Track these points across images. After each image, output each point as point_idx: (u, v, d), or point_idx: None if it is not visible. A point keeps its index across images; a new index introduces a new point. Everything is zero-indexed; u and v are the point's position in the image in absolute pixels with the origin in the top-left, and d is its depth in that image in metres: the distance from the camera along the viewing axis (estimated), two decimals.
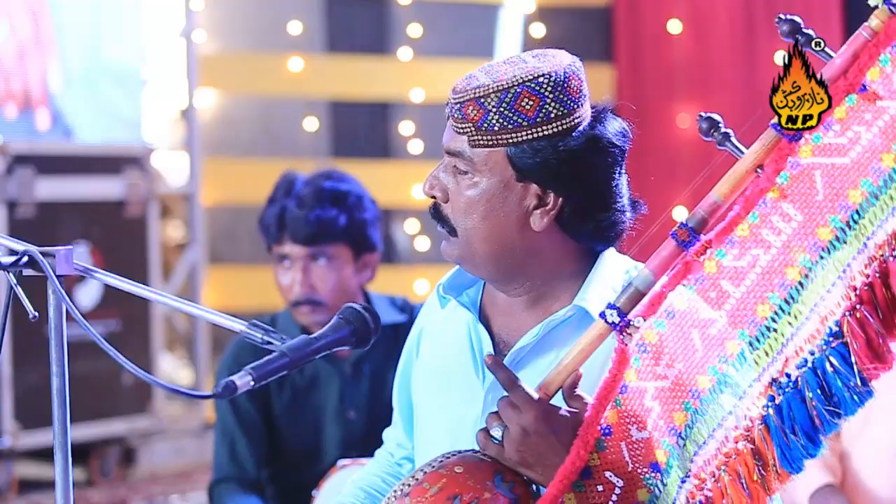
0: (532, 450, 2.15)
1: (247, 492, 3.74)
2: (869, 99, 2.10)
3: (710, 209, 2.15)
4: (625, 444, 2.12)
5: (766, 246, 2.11)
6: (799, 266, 2.09)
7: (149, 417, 6.37)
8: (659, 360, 2.12)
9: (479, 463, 2.16)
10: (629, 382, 2.12)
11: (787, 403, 2.07)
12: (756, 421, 2.08)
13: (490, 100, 2.32)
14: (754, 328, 2.10)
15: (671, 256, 2.16)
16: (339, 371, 3.78)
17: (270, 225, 3.75)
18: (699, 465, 2.10)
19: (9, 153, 5.96)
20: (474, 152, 2.36)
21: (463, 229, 2.38)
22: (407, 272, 7.48)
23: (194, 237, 7.02)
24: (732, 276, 2.12)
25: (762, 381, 2.09)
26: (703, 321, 2.12)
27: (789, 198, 2.11)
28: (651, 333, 2.13)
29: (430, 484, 2.13)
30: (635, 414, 2.12)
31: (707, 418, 2.10)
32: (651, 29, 7.58)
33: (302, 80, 7.41)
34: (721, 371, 2.10)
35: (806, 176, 2.11)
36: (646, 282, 2.16)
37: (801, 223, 2.10)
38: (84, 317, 2.13)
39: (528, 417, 2.14)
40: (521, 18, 7.80)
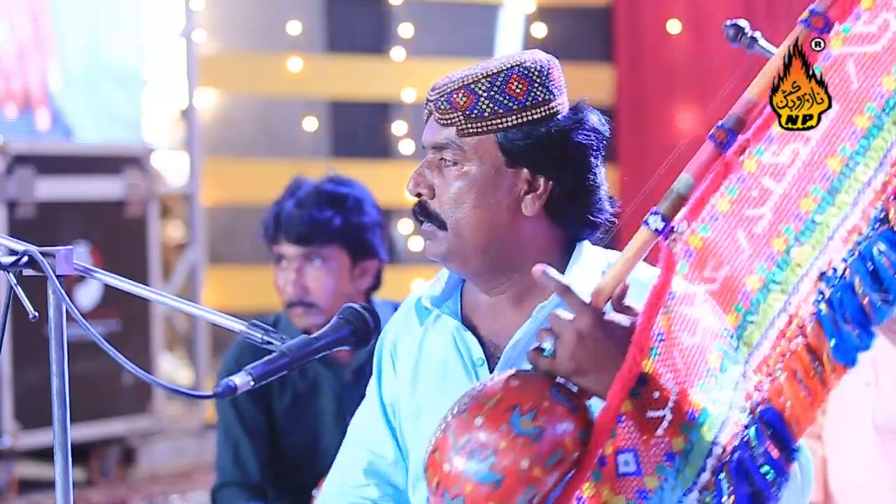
0: (587, 354, 2.10)
1: (250, 496, 3.73)
2: None
3: (745, 108, 2.13)
4: (677, 351, 2.09)
5: (805, 139, 2.10)
6: (839, 156, 2.08)
7: (149, 417, 6.37)
8: (705, 264, 2.10)
9: (535, 378, 2.13)
10: (676, 289, 2.10)
11: (838, 295, 2.05)
12: (808, 317, 2.06)
13: (480, 84, 2.37)
14: (800, 222, 2.08)
15: (710, 159, 2.13)
16: (339, 377, 3.78)
17: (269, 224, 3.77)
18: (754, 367, 2.08)
19: (9, 153, 5.96)
20: (464, 141, 2.38)
21: (453, 220, 2.39)
22: (404, 272, 7.48)
23: (194, 237, 7.02)
24: (773, 173, 2.10)
25: (811, 275, 2.07)
26: (748, 220, 2.10)
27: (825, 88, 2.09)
28: (695, 238, 2.11)
29: (487, 398, 2.10)
30: (685, 320, 2.10)
31: (758, 318, 2.08)
32: (651, 29, 7.58)
33: (301, 80, 7.41)
34: (769, 269, 2.08)
35: (839, 66, 2.10)
36: (687, 185, 2.13)
37: (838, 113, 2.08)
38: (84, 317, 2.13)
39: (583, 321, 2.10)
40: (521, 18, 7.80)
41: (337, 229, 3.70)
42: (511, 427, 2.06)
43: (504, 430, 2.06)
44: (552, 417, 2.07)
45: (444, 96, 2.39)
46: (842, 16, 2.10)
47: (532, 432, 2.06)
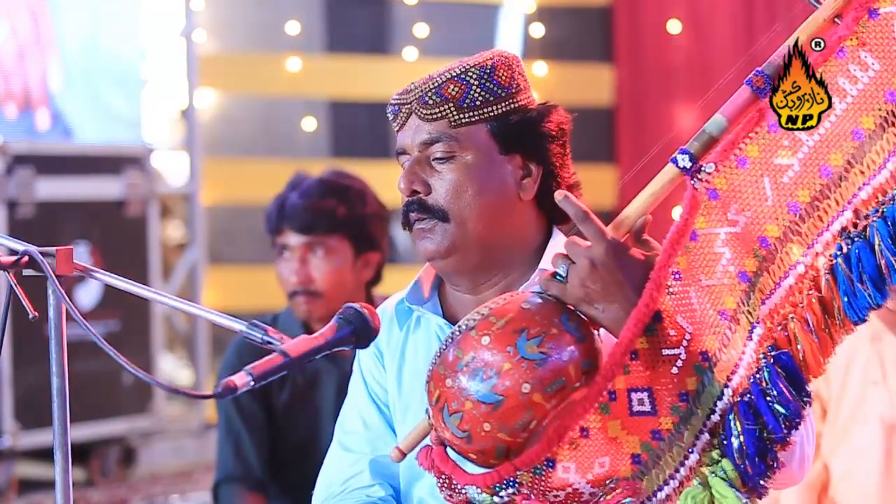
0: (599, 282, 2.10)
1: (252, 491, 3.74)
2: None
3: (787, 56, 2.11)
4: (693, 290, 2.09)
5: (843, 94, 2.08)
6: (875, 115, 2.07)
7: (149, 417, 6.37)
8: (729, 206, 2.10)
9: (545, 302, 2.13)
10: (698, 229, 2.10)
11: (857, 252, 2.05)
12: (824, 270, 2.06)
13: (471, 74, 2.42)
14: (826, 176, 2.08)
15: (746, 103, 2.13)
16: (339, 370, 3.78)
17: (272, 214, 3.78)
18: (765, 314, 2.08)
19: (9, 153, 5.96)
20: (457, 132, 2.40)
21: (456, 210, 2.40)
22: (406, 272, 7.48)
23: (194, 237, 7.02)
24: None
25: (832, 230, 2.07)
26: (776, 168, 2.09)
27: (867, 46, 2.08)
28: (721, 180, 2.11)
29: (497, 317, 2.10)
30: (704, 260, 2.10)
31: (775, 267, 2.08)
32: (651, 29, 7.58)
33: (301, 81, 7.41)
34: (791, 220, 2.08)
35: (886, 24, 2.08)
36: (719, 127, 2.12)
37: (878, 72, 2.07)
38: (84, 317, 2.13)
39: (598, 249, 2.11)
40: (521, 18, 7.80)
41: (340, 219, 3.73)
42: (516, 350, 2.07)
43: (509, 353, 2.07)
44: (558, 345, 2.08)
45: (433, 90, 2.42)
46: None
47: (536, 357, 2.06)
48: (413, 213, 2.43)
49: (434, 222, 2.41)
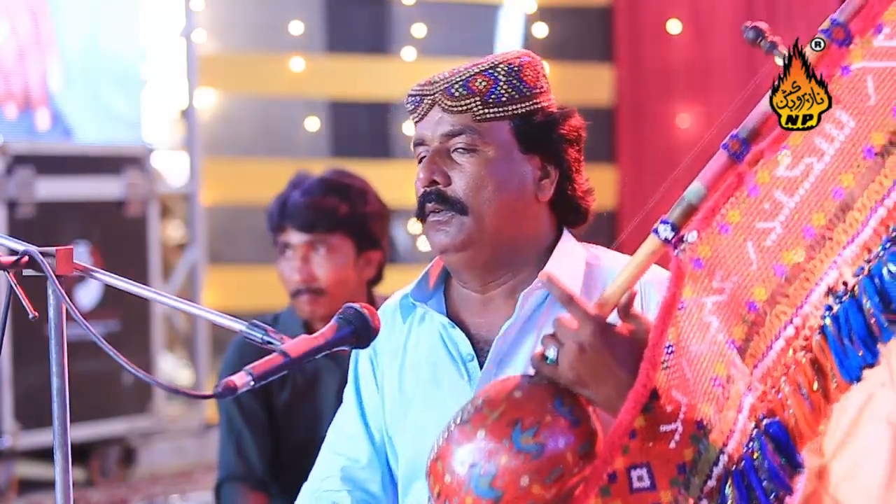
0: (588, 366, 2.10)
1: (254, 490, 3.74)
2: None
3: (761, 119, 2.11)
4: (685, 361, 2.09)
5: (820, 154, 2.07)
6: (854, 172, 2.05)
7: (149, 417, 6.37)
8: (714, 273, 2.09)
9: (537, 387, 2.12)
10: (686, 298, 2.10)
11: (845, 312, 2.03)
12: (814, 331, 2.05)
13: (500, 69, 2.42)
14: (810, 237, 2.06)
15: (723, 168, 2.11)
16: (340, 369, 3.78)
17: (274, 213, 3.78)
18: (758, 378, 2.07)
19: (9, 153, 5.96)
20: (481, 126, 2.41)
21: (476, 204, 2.39)
22: (407, 272, 7.48)
23: (194, 237, 7.02)
24: (786, 186, 2.08)
25: (819, 290, 2.05)
26: (758, 232, 2.08)
27: (841, 104, 2.06)
28: (705, 248, 2.10)
29: (491, 409, 2.10)
30: (693, 330, 2.09)
31: (765, 330, 2.07)
32: (651, 29, 7.58)
33: (302, 80, 7.41)
34: (778, 282, 2.07)
35: (858, 81, 2.07)
36: (698, 195, 2.11)
37: (853, 129, 2.06)
38: (84, 317, 2.13)
39: (585, 332, 2.09)
40: (521, 18, 7.80)
41: (342, 217, 3.73)
42: (512, 443, 2.06)
43: (505, 445, 2.06)
44: (553, 432, 2.07)
45: (460, 83, 2.42)
46: (864, 28, 2.08)
47: (533, 449, 2.06)
48: (430, 203, 2.42)
49: (451, 215, 2.40)
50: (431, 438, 2.29)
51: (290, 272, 3.75)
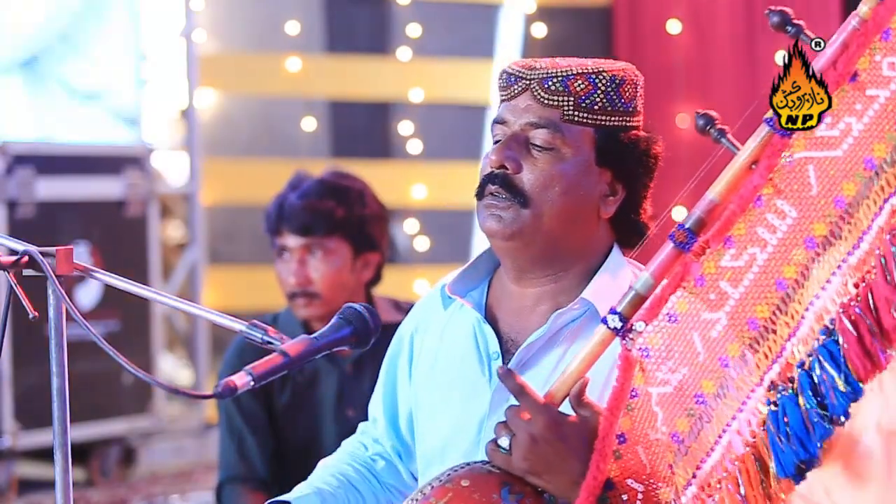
0: (540, 457, 2.13)
1: (256, 490, 3.74)
2: (859, 88, 2.07)
3: (707, 209, 2.13)
4: (641, 448, 2.10)
5: (763, 244, 2.08)
6: (795, 264, 2.06)
7: (149, 417, 6.37)
8: (662, 365, 2.10)
9: (487, 475, 2.15)
10: (638, 386, 2.11)
11: (783, 408, 2.04)
12: (759, 426, 2.05)
13: (602, 78, 2.41)
14: (754, 329, 2.07)
15: (670, 259, 2.14)
16: (339, 369, 3.79)
17: (271, 215, 3.78)
18: (707, 472, 2.07)
19: (9, 153, 5.96)
20: (567, 127, 2.39)
21: (540, 200, 2.37)
22: (407, 272, 7.48)
23: (194, 237, 7.02)
24: (731, 277, 2.09)
25: (764, 384, 2.06)
26: (704, 323, 2.09)
27: (783, 194, 2.07)
28: (654, 338, 2.11)
29: (437, 499, 2.13)
30: (647, 417, 2.10)
31: (713, 424, 2.07)
32: (651, 29, 7.58)
33: (301, 80, 7.41)
34: (724, 375, 2.07)
35: (799, 171, 2.08)
36: (646, 286, 2.14)
37: (796, 219, 2.07)
38: (84, 317, 2.13)
39: (537, 425, 2.12)
40: (522, 18, 7.80)
41: (339, 220, 3.73)
42: None
43: None
44: None
45: (560, 78, 2.40)
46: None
47: None
48: (494, 185, 2.40)
49: (511, 203, 2.38)
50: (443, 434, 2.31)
51: (287, 275, 3.76)
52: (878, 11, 2.06)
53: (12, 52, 6.33)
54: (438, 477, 2.18)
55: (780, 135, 2.09)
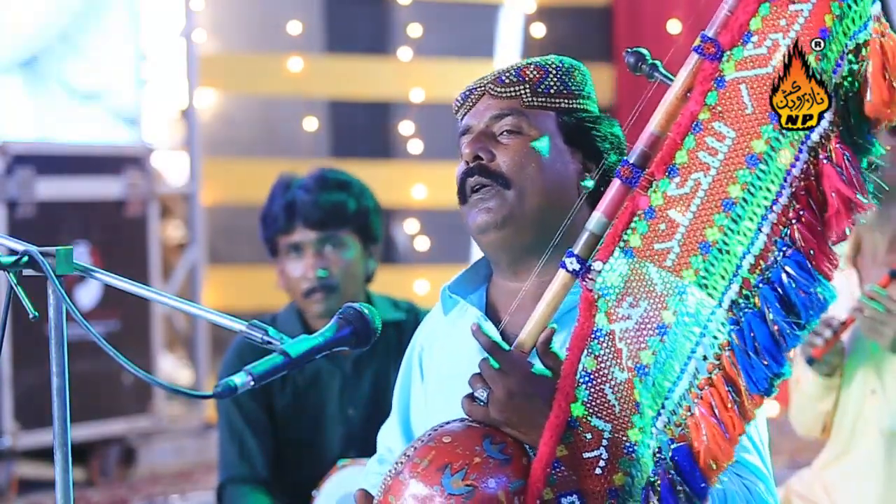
0: (516, 410, 2.17)
1: (257, 491, 3.73)
2: (781, 4, 2.09)
3: (649, 142, 2.15)
4: (609, 387, 2.12)
5: (706, 168, 2.10)
6: (740, 182, 2.08)
7: (149, 417, 6.37)
8: (622, 300, 2.12)
9: (468, 429, 2.19)
10: (602, 326, 2.13)
11: (748, 324, 2.05)
12: (725, 347, 2.06)
13: (552, 64, 2.49)
14: (707, 253, 2.08)
15: (619, 196, 2.16)
16: (339, 369, 3.78)
17: (279, 215, 3.75)
18: (675, 401, 2.09)
19: (9, 153, 5.96)
20: (528, 111, 2.47)
21: (519, 179, 2.43)
22: (407, 272, 7.48)
23: (194, 237, 7.02)
24: (679, 205, 2.10)
25: (724, 305, 2.07)
26: (657, 254, 2.11)
27: (720, 116, 2.10)
28: (612, 276, 2.13)
29: (421, 458, 2.15)
30: (613, 356, 2.12)
31: (677, 352, 2.08)
32: (651, 29, 7.58)
33: (302, 80, 7.42)
34: (682, 301, 2.08)
35: (733, 92, 2.10)
36: (599, 225, 2.17)
37: (734, 139, 2.09)
38: (84, 317, 2.13)
39: (511, 380, 2.17)
40: (521, 18, 7.80)
41: (350, 213, 3.74)
42: (443, 488, 2.12)
43: (437, 491, 2.12)
44: (483, 473, 2.12)
45: (512, 71, 2.48)
46: (732, 40, 2.12)
47: (463, 491, 2.11)
48: (473, 177, 2.45)
49: (495, 189, 2.43)
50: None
51: (305, 270, 3.73)
52: None
53: (12, 52, 6.34)
54: (420, 437, 2.21)
55: (708, 59, 2.12)
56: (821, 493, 3.69)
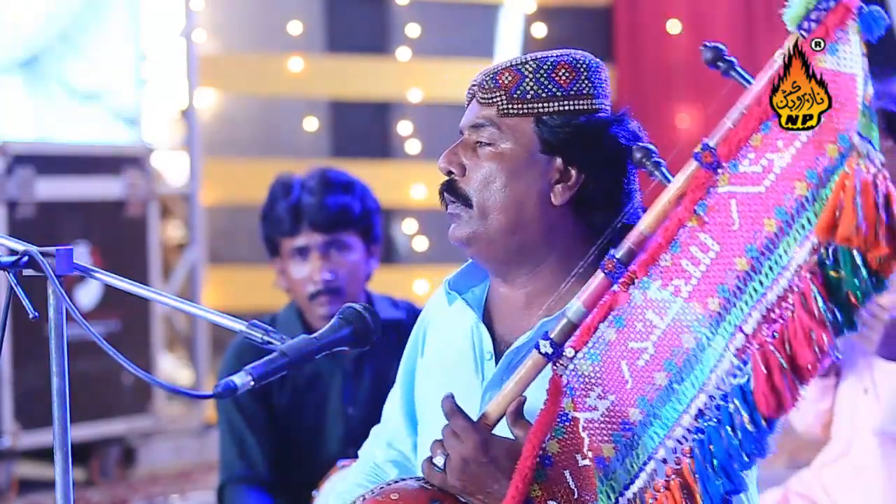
0: (472, 478, 2.19)
1: (258, 491, 3.73)
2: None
3: (637, 240, 2.15)
4: (569, 473, 2.14)
5: (687, 277, 2.11)
6: (718, 297, 2.09)
7: (149, 417, 6.37)
8: (590, 391, 2.14)
9: (417, 491, 2.21)
10: (569, 412, 2.15)
11: (709, 437, 2.08)
12: (687, 454, 2.09)
13: (528, 66, 2.38)
14: (680, 359, 2.11)
15: (601, 288, 2.17)
16: (340, 367, 3.78)
17: (283, 218, 3.74)
18: (630, 498, 2.11)
19: (9, 153, 5.96)
20: (502, 121, 2.38)
21: (480, 199, 2.38)
22: (406, 272, 7.48)
23: (194, 237, 7.02)
24: (657, 308, 2.12)
25: (690, 412, 2.10)
26: (632, 352, 2.13)
27: (707, 227, 2.11)
28: (584, 364, 2.15)
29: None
30: (577, 442, 2.14)
31: (639, 451, 2.12)
32: (651, 29, 7.59)
33: (302, 81, 7.42)
34: (650, 403, 2.11)
35: (723, 205, 2.10)
36: (578, 313, 2.17)
37: (718, 253, 2.10)
38: (84, 317, 2.13)
39: (467, 446, 2.19)
40: (522, 18, 7.80)
41: (357, 215, 3.74)
42: None
43: None
44: None
45: (491, 75, 2.40)
46: (729, 154, 2.11)
47: None
48: (443, 193, 2.43)
49: (459, 207, 2.41)
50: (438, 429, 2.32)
51: (311, 273, 3.72)
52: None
53: (12, 52, 6.34)
54: (372, 489, 2.24)
55: (705, 169, 2.12)
56: (820, 492, 3.70)
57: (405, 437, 2.64)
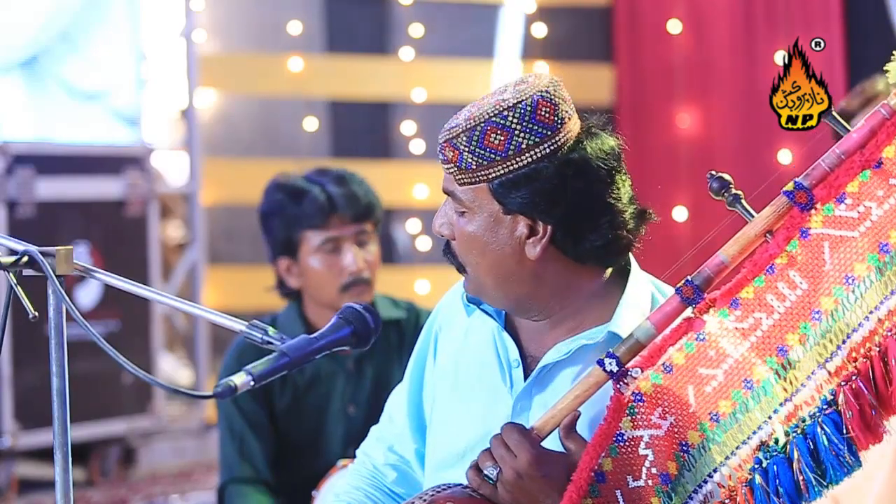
0: (524, 492, 2.20)
1: (259, 491, 3.73)
2: (882, 176, 2.14)
3: (716, 269, 2.19)
4: (620, 493, 2.16)
5: (770, 310, 2.15)
6: (800, 333, 2.14)
7: (149, 417, 6.37)
8: (654, 409, 2.16)
9: (467, 500, 2.22)
10: (625, 431, 2.17)
11: (774, 467, 2.11)
12: (741, 483, 2.12)
13: (460, 140, 2.34)
14: (749, 390, 2.14)
15: (674, 312, 2.20)
16: (341, 367, 3.79)
17: (311, 210, 3.69)
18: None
19: (9, 153, 5.96)
20: (462, 191, 2.38)
21: (469, 265, 2.41)
22: (408, 272, 7.48)
23: (194, 237, 7.02)
24: (733, 337, 2.15)
25: (751, 443, 2.13)
26: (700, 378, 2.16)
27: (797, 266, 2.15)
28: (647, 384, 2.17)
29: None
30: (631, 462, 2.16)
31: (695, 473, 2.14)
32: (651, 29, 7.58)
33: (302, 81, 7.41)
34: (711, 428, 2.14)
35: (815, 245, 2.15)
36: (647, 334, 2.19)
37: (805, 291, 2.14)
38: (84, 317, 2.13)
39: (521, 461, 2.20)
40: (522, 18, 7.80)
41: (377, 206, 3.79)
42: None
43: None
44: None
45: (440, 147, 2.39)
46: (826, 196, 2.15)
47: None
48: (446, 254, 2.46)
49: (457, 268, 2.45)
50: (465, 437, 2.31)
51: (346, 263, 3.70)
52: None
53: (12, 52, 6.34)
54: (421, 496, 2.24)
55: (799, 209, 2.16)
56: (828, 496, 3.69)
57: (409, 442, 2.63)
